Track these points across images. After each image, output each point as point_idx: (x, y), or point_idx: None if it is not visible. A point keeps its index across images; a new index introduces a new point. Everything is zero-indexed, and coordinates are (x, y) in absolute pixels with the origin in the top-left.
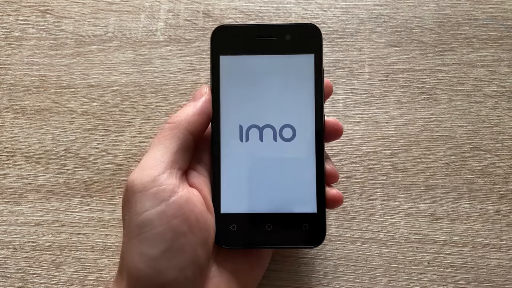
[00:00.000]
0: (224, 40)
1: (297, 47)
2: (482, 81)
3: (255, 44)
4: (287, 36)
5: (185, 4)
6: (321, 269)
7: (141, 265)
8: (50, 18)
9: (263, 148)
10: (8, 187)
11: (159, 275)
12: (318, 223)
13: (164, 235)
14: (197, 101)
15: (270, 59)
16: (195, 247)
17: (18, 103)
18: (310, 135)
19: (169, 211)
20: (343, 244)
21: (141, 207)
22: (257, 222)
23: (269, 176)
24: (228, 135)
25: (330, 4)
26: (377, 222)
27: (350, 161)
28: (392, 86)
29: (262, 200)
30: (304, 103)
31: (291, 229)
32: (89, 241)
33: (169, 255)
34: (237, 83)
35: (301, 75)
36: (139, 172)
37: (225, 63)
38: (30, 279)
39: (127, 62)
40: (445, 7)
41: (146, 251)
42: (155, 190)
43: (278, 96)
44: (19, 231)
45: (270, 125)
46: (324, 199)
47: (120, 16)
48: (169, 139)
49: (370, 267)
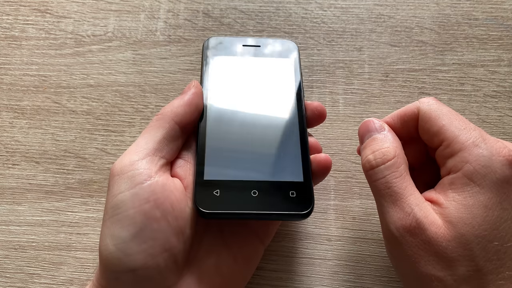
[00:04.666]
0: (214, 45)
1: (278, 53)
2: (482, 81)
3: (242, 50)
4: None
5: (185, 4)
6: (321, 269)
7: (112, 247)
8: (49, 17)
9: (248, 120)
10: (7, 187)
11: (129, 258)
12: (305, 191)
13: (134, 218)
14: (185, 94)
15: (255, 61)
16: (169, 235)
17: (18, 103)
18: (292, 110)
19: (142, 195)
20: (343, 244)
21: (117, 189)
22: (242, 189)
23: (254, 146)
24: (214, 110)
25: (330, 4)
26: (377, 222)
27: (350, 161)
28: (392, 86)
29: (248, 170)
30: (286, 89)
31: (277, 197)
32: (88, 241)
33: (139, 239)
34: (223, 73)
35: (282, 72)
36: (121, 157)
37: (214, 60)
38: (29, 279)
39: (126, 62)
40: (445, 7)
41: (117, 232)
42: (131, 173)
43: (261, 85)
44: (18, 231)
45: (255, 104)
46: (309, 168)
47: (119, 16)
48: (154, 129)
49: (370, 267)
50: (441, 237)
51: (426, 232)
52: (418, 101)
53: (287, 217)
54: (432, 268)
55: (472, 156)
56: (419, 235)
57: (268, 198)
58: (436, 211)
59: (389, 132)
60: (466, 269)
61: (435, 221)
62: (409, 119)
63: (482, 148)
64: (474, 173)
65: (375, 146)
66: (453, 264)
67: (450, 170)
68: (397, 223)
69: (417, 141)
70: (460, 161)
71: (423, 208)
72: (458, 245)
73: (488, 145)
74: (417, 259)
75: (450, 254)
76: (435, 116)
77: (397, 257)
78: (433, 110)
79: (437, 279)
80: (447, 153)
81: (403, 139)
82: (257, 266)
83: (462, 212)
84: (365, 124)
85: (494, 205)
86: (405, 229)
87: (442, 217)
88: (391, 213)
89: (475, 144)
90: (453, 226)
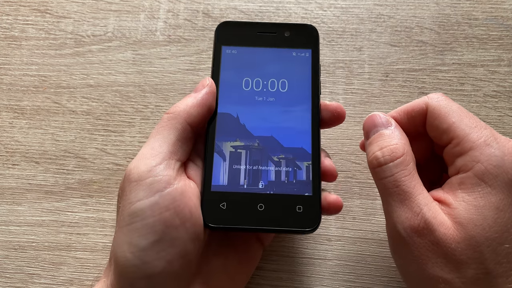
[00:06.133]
0: (227, 33)
1: (296, 43)
2: (482, 81)
3: (256, 38)
4: (286, 33)
5: (184, 4)
6: (321, 269)
7: (129, 255)
8: (49, 18)
9: (258, 124)
10: (7, 187)
11: (146, 266)
12: (313, 206)
13: (154, 226)
14: (198, 93)
15: (269, 53)
16: (186, 241)
17: (18, 103)
18: (307, 118)
19: (162, 203)
20: (343, 244)
21: (135, 196)
22: (249, 201)
23: (263, 154)
24: (224, 119)
25: (330, 4)
26: (377, 222)
27: (350, 161)
28: (392, 86)
29: (256, 180)
30: (301, 87)
31: (284, 211)
32: (88, 241)
33: (158, 247)
34: (237, 72)
35: (299, 67)
36: (136, 161)
37: (226, 51)
38: (29, 279)
39: (126, 62)
40: (445, 7)
41: (135, 241)
42: (150, 180)
43: (274, 82)
44: (18, 231)
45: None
46: (319, 182)
47: (119, 16)
48: (167, 130)
49: (370, 267)
50: (450, 239)
51: (434, 233)
52: (427, 96)
53: (293, 232)
54: (440, 270)
55: (484, 156)
56: (427, 236)
57: (275, 213)
58: (445, 212)
59: (397, 128)
60: (475, 272)
61: (444, 222)
62: (416, 115)
63: (494, 147)
64: (486, 173)
65: (383, 142)
66: (461, 266)
67: (460, 169)
68: (405, 223)
69: (422, 137)
70: (471, 160)
71: (432, 208)
72: (467, 247)
73: (500, 145)
74: (424, 260)
75: (459, 256)
76: (444, 112)
77: (403, 258)
78: (443, 106)
79: (445, 281)
80: (457, 152)
81: (409, 135)
82: (257, 266)
83: (472, 213)
84: (371, 118)
85: (506, 207)
86: (413, 229)
87: (451, 217)
88: (399, 213)
89: (486, 143)
90: (462, 227)
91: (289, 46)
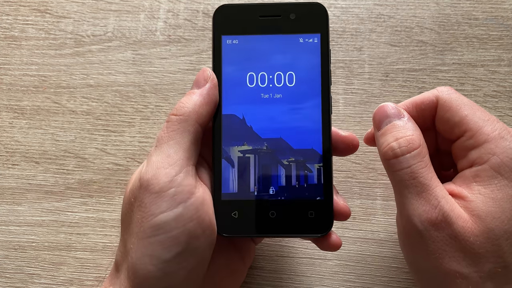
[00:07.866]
0: (226, 20)
1: (303, 27)
2: (482, 81)
3: (259, 24)
4: (292, 15)
5: (184, 4)
6: (321, 269)
7: (151, 267)
8: (49, 18)
9: (264, 125)
10: (7, 187)
11: (168, 277)
12: (325, 210)
13: (179, 238)
14: (203, 89)
15: (275, 39)
16: (205, 248)
17: (18, 103)
18: (317, 115)
19: (186, 214)
20: (343, 244)
21: (157, 208)
22: (260, 209)
23: (272, 158)
24: (230, 122)
25: (330, 3)
26: (377, 222)
27: (350, 161)
28: (392, 86)
29: (267, 186)
30: (308, 84)
31: (296, 217)
32: (88, 241)
33: (180, 258)
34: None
35: (307, 56)
36: (153, 170)
37: (226, 41)
38: (29, 279)
39: (126, 62)
40: (445, 7)
41: (157, 253)
42: (172, 191)
43: (280, 77)
44: (18, 231)
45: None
46: (331, 185)
47: (119, 16)
48: (180, 134)
49: (370, 267)
50: (468, 232)
51: (452, 226)
52: (436, 89)
53: (304, 236)
54: (457, 264)
55: (499, 148)
56: (445, 229)
57: (286, 219)
58: (460, 205)
59: (410, 119)
60: (493, 266)
61: (462, 215)
62: (426, 108)
63: (508, 140)
64: (502, 166)
65: (398, 133)
66: (480, 260)
67: (474, 162)
68: (422, 216)
69: (427, 133)
70: (486, 153)
71: (449, 201)
72: (486, 241)
73: None
74: (441, 254)
75: (478, 250)
76: (456, 105)
77: (416, 253)
78: (454, 99)
79: (462, 276)
80: (470, 145)
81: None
82: (257, 266)
83: (490, 206)
84: (382, 109)
85: None
86: (430, 222)
87: (467, 211)
88: (416, 205)
89: (501, 136)
90: (481, 220)
91: (295, 31)
